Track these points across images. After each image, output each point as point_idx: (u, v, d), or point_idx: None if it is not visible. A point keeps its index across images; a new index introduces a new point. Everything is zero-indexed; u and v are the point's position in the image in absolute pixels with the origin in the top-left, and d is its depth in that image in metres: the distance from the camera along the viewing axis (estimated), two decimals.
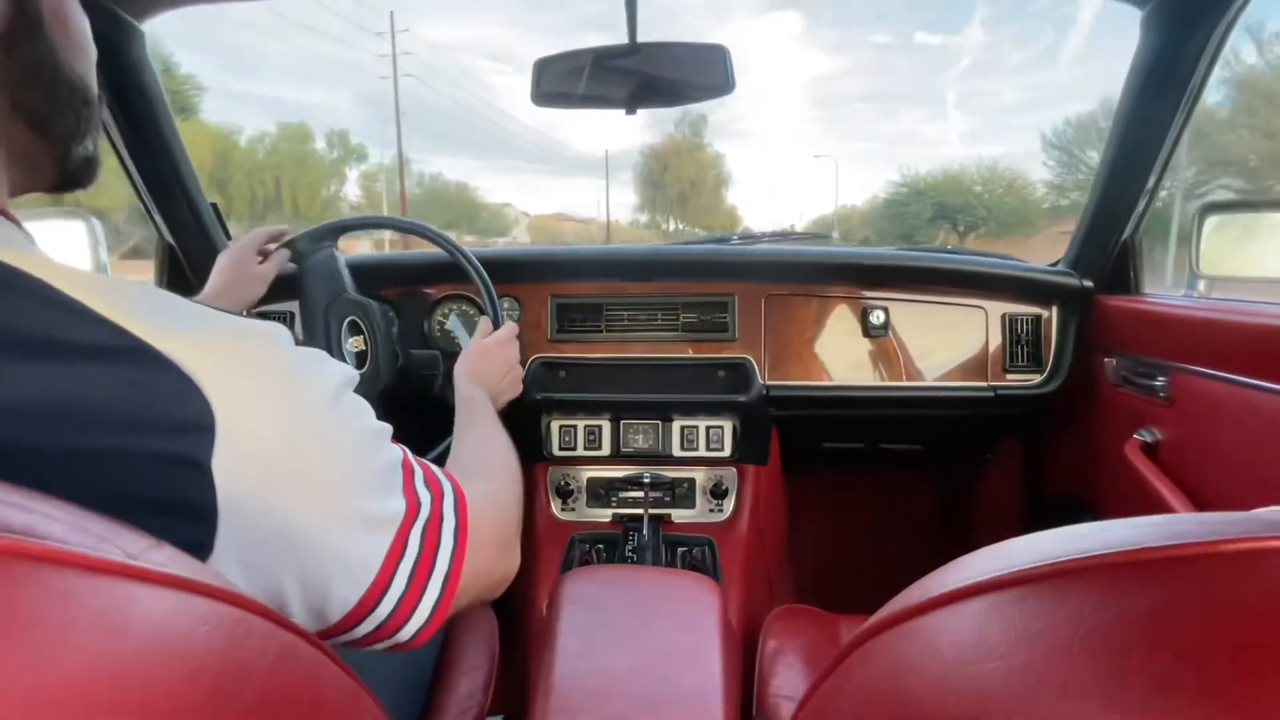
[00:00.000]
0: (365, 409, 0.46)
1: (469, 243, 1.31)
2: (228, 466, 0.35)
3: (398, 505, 0.45)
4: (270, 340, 0.40)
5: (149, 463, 0.34)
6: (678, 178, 46.89)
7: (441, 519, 0.48)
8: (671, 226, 48.66)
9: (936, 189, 31.92)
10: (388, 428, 0.47)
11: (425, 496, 0.47)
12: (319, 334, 1.04)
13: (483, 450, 0.73)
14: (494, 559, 0.55)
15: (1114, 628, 0.22)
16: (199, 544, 0.35)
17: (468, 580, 0.49)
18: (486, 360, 0.92)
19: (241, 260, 0.99)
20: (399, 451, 0.48)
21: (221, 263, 0.99)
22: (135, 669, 0.23)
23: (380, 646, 0.46)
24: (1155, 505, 0.95)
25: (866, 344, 1.21)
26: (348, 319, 1.03)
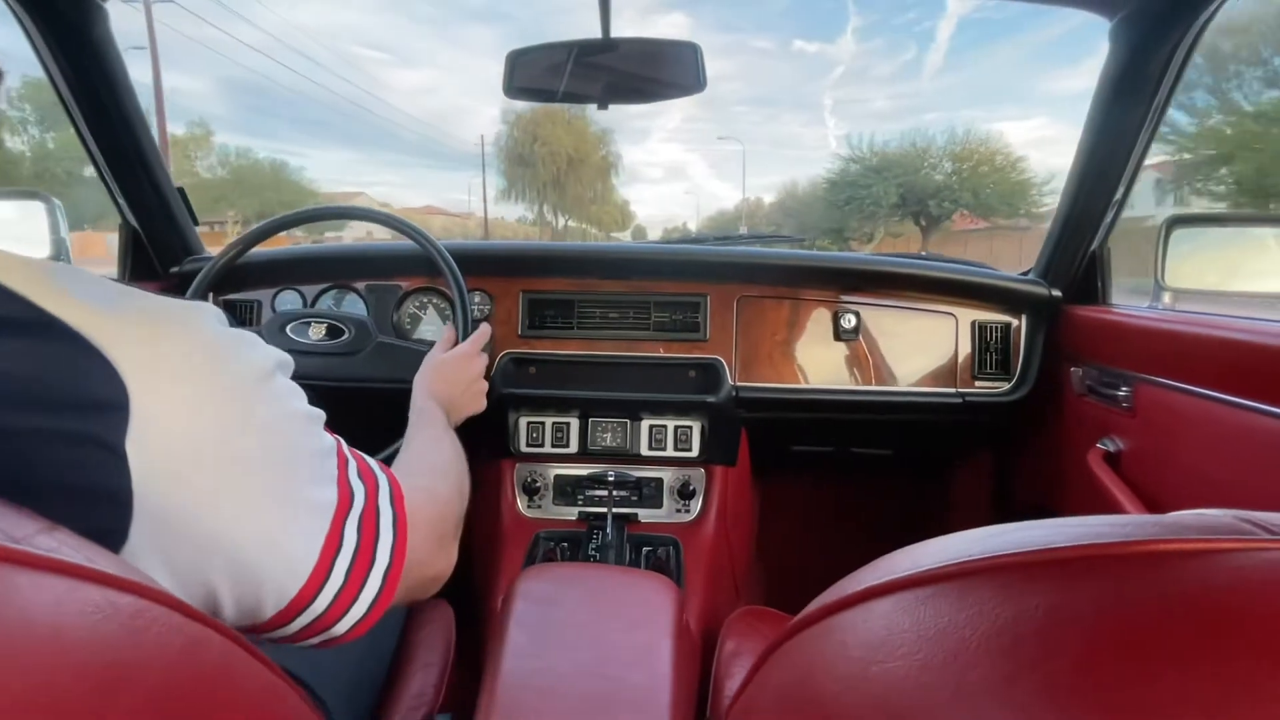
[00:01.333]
0: (297, 393, 0.44)
1: (296, 239, 1.28)
2: (143, 448, 0.34)
3: (330, 494, 0.43)
4: (195, 319, 0.38)
5: (53, 442, 0.32)
6: (552, 153, 35.04)
7: (378, 511, 0.47)
8: (561, 223, 39.60)
9: (900, 165, 24.54)
10: (320, 414, 0.46)
11: (359, 488, 0.46)
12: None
13: (425, 452, 0.72)
14: (430, 554, 0.55)
15: (1010, 628, 0.22)
16: (111, 530, 0.33)
17: (404, 573, 0.48)
18: (442, 376, 0.91)
19: None
20: (332, 440, 0.46)
21: None
22: (8, 659, 0.22)
23: (313, 641, 0.45)
24: (1115, 513, 0.95)
25: (837, 348, 1.21)
26: (287, 327, 1.03)
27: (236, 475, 0.38)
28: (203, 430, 0.36)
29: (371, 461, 0.50)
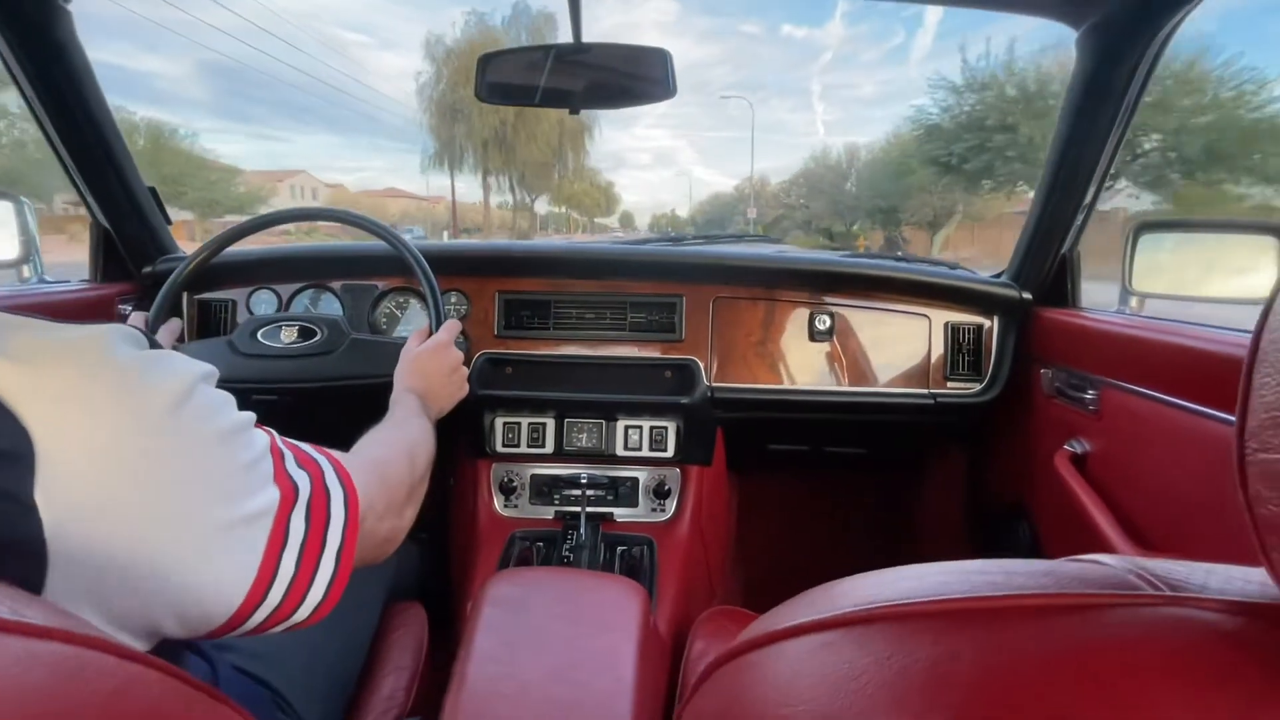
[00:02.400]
0: (221, 404, 0.43)
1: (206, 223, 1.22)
2: (53, 496, 0.33)
3: (270, 496, 0.43)
4: (98, 348, 0.37)
5: None
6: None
7: (327, 494, 0.47)
8: (543, 208, 34.91)
9: (1050, 95, 12.86)
10: (249, 418, 0.45)
11: (302, 478, 0.46)
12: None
13: (378, 430, 0.73)
14: (378, 517, 0.56)
15: (900, 679, 0.23)
16: (25, 582, 0.33)
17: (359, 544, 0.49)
18: (420, 368, 0.91)
19: None
20: (265, 438, 0.46)
21: None
22: None
23: (277, 630, 0.45)
24: (1080, 515, 0.97)
25: (812, 348, 1.22)
26: (258, 333, 1.02)
27: (158, 510, 0.37)
28: (116, 470, 0.35)
29: (306, 447, 0.50)
